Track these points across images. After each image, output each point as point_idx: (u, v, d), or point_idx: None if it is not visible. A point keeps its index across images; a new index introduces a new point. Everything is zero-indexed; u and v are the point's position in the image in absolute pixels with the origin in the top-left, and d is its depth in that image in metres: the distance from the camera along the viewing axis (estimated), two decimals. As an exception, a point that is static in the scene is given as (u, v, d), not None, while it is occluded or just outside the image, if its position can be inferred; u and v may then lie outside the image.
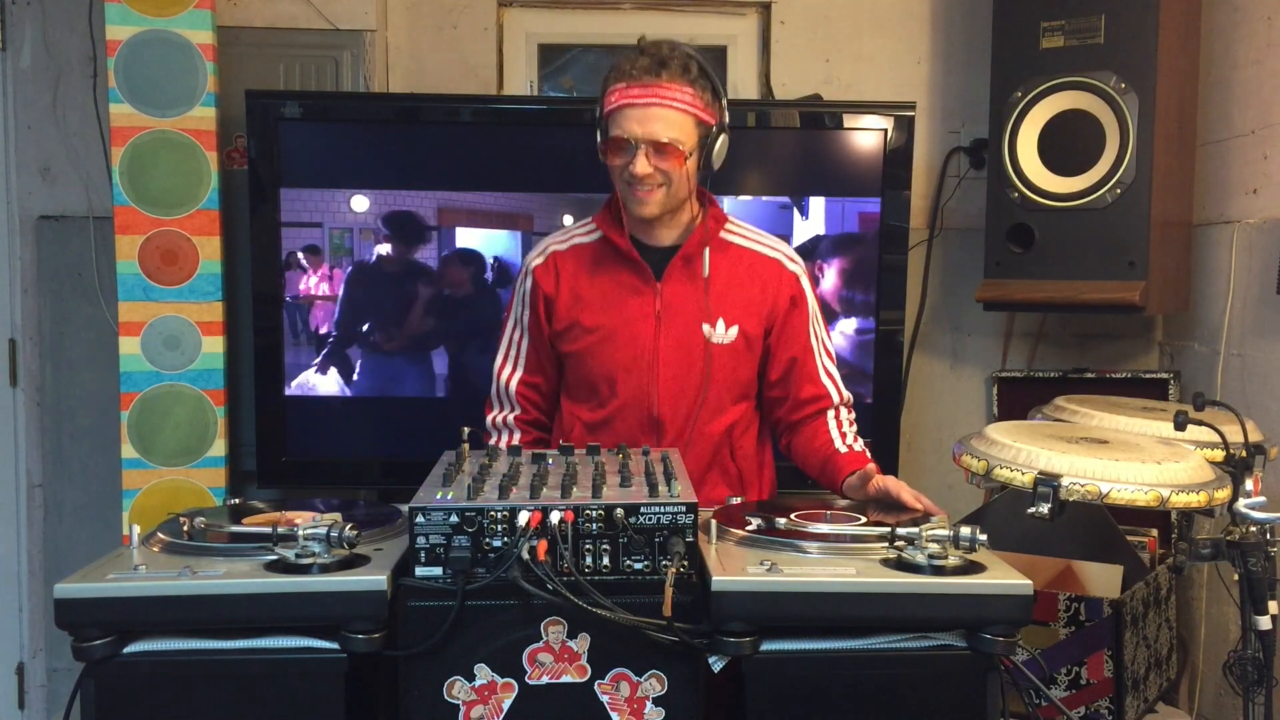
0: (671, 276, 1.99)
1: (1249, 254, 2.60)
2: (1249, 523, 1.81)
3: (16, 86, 2.90)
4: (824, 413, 2.04)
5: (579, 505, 1.43)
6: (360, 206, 2.71)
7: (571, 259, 2.04)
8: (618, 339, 1.99)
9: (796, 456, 2.06)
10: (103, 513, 2.93)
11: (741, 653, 1.39)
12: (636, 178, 1.88)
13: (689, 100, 1.88)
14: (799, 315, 2.05)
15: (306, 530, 1.42)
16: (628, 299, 1.99)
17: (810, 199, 2.77)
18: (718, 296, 2.00)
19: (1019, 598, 1.40)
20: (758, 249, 2.06)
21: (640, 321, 1.98)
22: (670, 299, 1.99)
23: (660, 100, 1.87)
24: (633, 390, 1.98)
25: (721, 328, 1.99)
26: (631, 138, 1.87)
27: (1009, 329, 3.11)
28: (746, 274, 2.02)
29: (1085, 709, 2.25)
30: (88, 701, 1.38)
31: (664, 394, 1.98)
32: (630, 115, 1.87)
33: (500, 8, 3.08)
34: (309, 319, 2.74)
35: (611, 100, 1.89)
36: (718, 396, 2.01)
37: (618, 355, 1.99)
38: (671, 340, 1.98)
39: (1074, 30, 2.62)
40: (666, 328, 1.98)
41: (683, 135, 1.88)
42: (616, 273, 2.00)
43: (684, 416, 1.99)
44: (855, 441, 2.00)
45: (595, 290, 2.01)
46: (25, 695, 3.02)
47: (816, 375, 2.04)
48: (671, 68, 1.87)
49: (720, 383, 2.00)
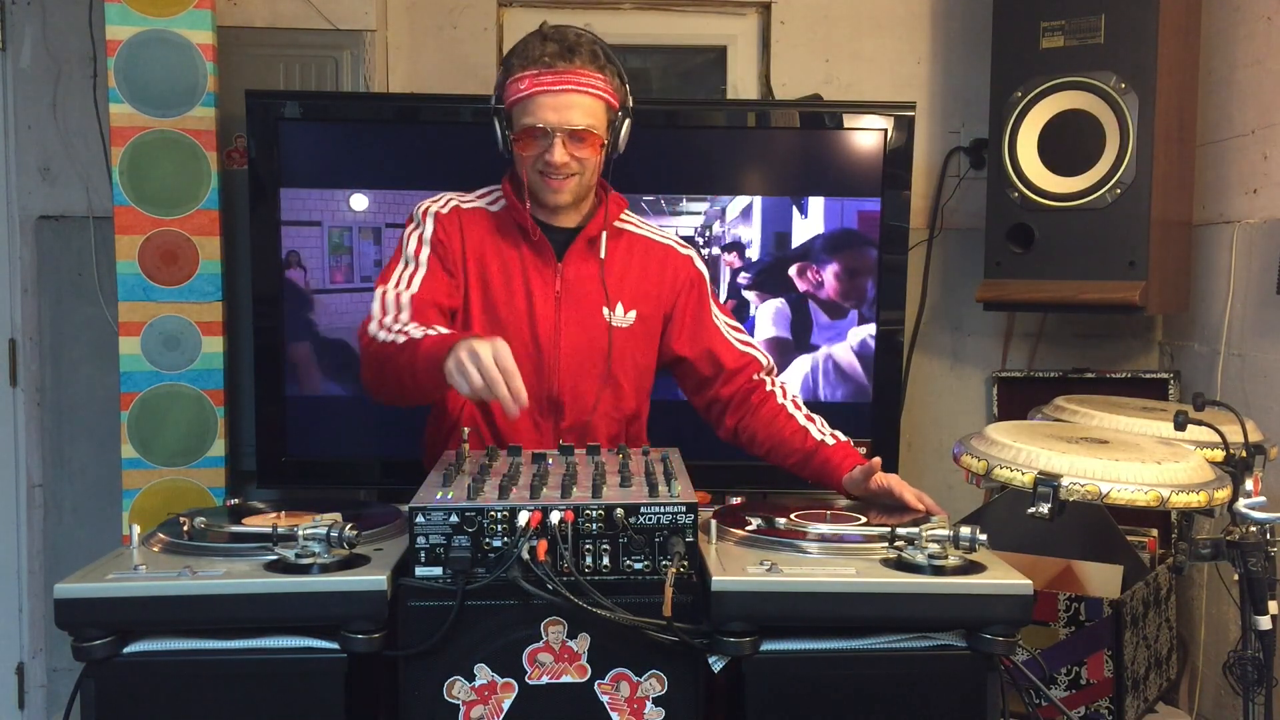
0: (573, 258, 1.98)
1: (1249, 254, 2.60)
2: (1249, 523, 1.81)
3: (16, 86, 2.90)
4: (760, 383, 2.03)
5: (579, 505, 1.43)
6: (360, 206, 2.71)
7: (475, 220, 1.99)
8: (518, 316, 1.95)
9: (755, 444, 2.02)
10: (103, 513, 2.93)
11: (741, 653, 1.39)
12: (553, 166, 1.86)
13: (601, 86, 1.87)
14: (699, 296, 2.06)
15: (306, 530, 1.42)
16: (530, 276, 1.96)
17: (810, 199, 2.77)
18: (616, 280, 1.99)
19: (1019, 598, 1.40)
20: (651, 236, 2.08)
21: (541, 301, 1.96)
22: (571, 280, 1.97)
23: (576, 86, 1.85)
24: (531, 370, 1.93)
25: (620, 311, 1.99)
26: (548, 125, 1.84)
27: (1009, 329, 3.11)
28: (641, 260, 2.03)
29: (1085, 709, 2.25)
30: (88, 701, 1.38)
31: (564, 375, 1.96)
32: (544, 103, 1.84)
33: (500, 8, 3.08)
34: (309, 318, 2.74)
35: (521, 88, 1.86)
36: (617, 382, 2.00)
37: (519, 335, 1.94)
38: (573, 321, 1.97)
39: (1074, 30, 2.62)
40: (567, 308, 1.97)
41: (597, 121, 1.88)
42: (519, 247, 1.97)
43: (584, 399, 1.98)
44: (826, 427, 1.98)
45: (497, 261, 1.97)
46: (25, 695, 3.02)
47: (734, 346, 2.05)
48: (582, 54, 1.86)
49: (620, 366, 2.00)
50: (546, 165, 1.87)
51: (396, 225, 2.71)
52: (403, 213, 2.71)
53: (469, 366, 1.57)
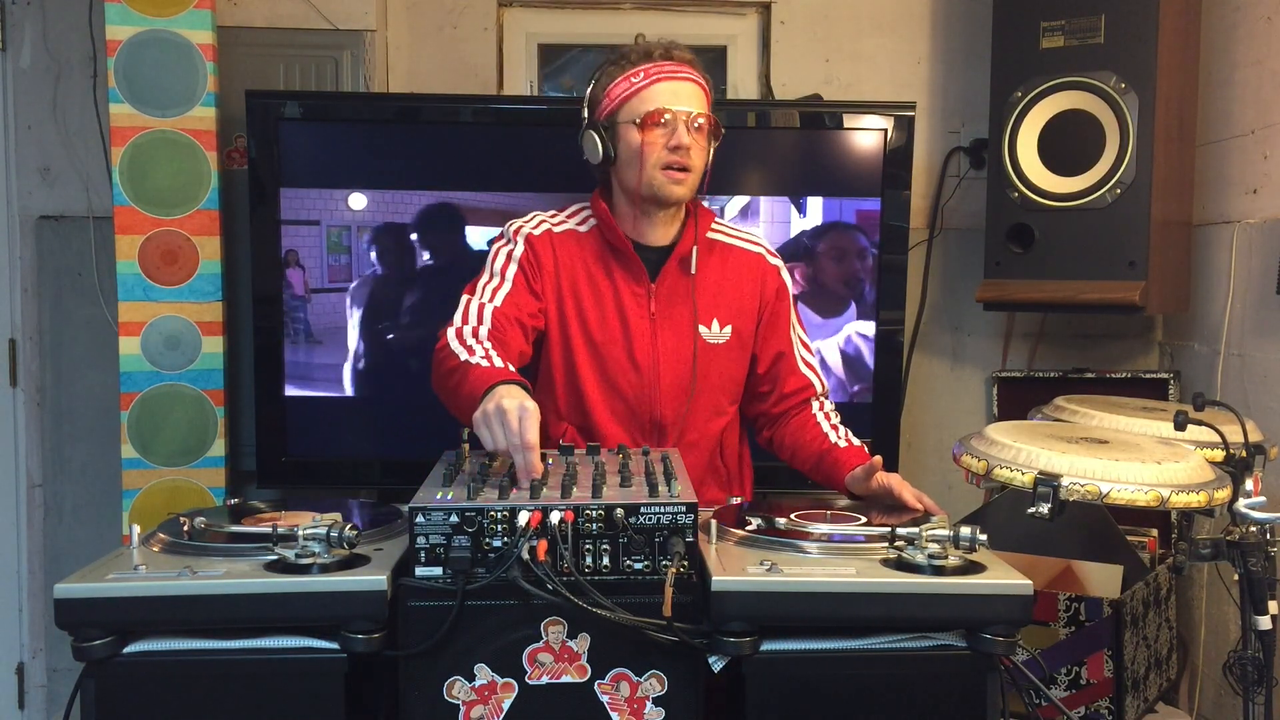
0: (666, 277, 1.97)
1: (1249, 254, 2.60)
2: (1249, 523, 1.81)
3: (16, 86, 2.90)
4: (808, 403, 2.04)
5: (579, 505, 1.43)
6: (360, 206, 2.71)
7: (566, 243, 1.98)
8: (613, 339, 1.95)
9: (783, 450, 2.04)
10: (103, 513, 2.93)
11: (741, 653, 1.39)
12: (681, 148, 1.84)
13: (708, 86, 1.91)
14: (783, 308, 2.05)
15: (306, 530, 1.42)
16: (624, 298, 1.96)
17: (810, 199, 2.77)
18: (711, 295, 1.98)
19: (1019, 598, 1.40)
20: (742, 245, 2.06)
21: (637, 323, 1.96)
22: (665, 300, 1.96)
23: (693, 78, 1.88)
24: (635, 395, 1.95)
25: (716, 327, 1.98)
26: (672, 109, 1.84)
27: (1009, 329, 3.11)
28: (735, 272, 2.02)
29: (1085, 709, 2.25)
30: (88, 701, 1.38)
31: (665, 397, 1.96)
32: (666, 90, 1.85)
33: (500, 8, 3.08)
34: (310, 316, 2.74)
35: (634, 81, 1.87)
36: (714, 397, 2.00)
37: (619, 359, 1.95)
38: (669, 342, 1.96)
39: (1074, 30, 2.62)
40: (662, 329, 1.96)
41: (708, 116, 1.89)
42: (611, 272, 1.96)
43: (682, 419, 1.97)
44: (848, 435, 1.99)
45: (589, 284, 1.95)
46: (25, 695, 3.02)
47: (798, 367, 2.05)
48: (684, 54, 1.90)
49: (715, 383, 1.99)
50: (675, 151, 1.85)
51: (396, 225, 2.72)
52: (402, 212, 2.71)
53: (495, 426, 1.54)
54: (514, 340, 1.84)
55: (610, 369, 1.95)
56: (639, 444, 1.93)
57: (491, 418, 1.54)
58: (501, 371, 1.68)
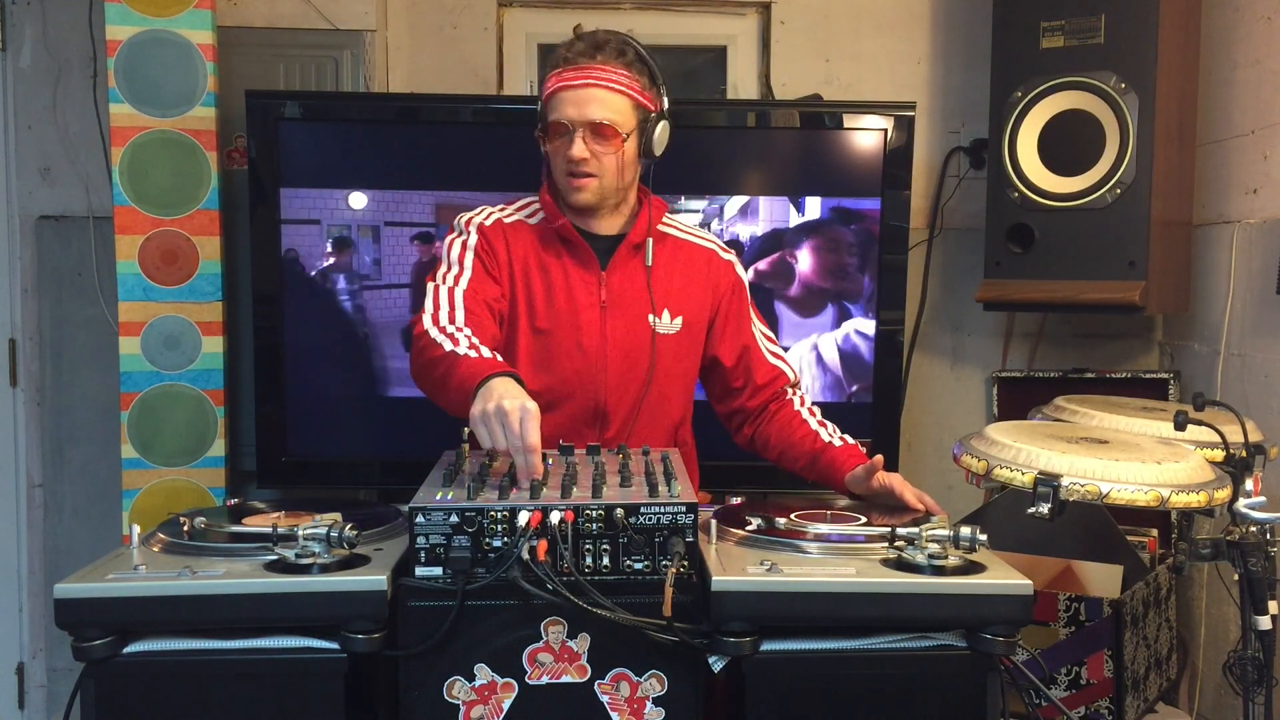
0: (617, 266, 1.96)
1: (1249, 254, 2.60)
2: (1249, 523, 1.81)
3: (16, 86, 2.90)
4: (783, 394, 2.03)
5: (579, 505, 1.43)
6: (360, 206, 2.71)
7: (517, 234, 1.98)
8: (563, 326, 1.94)
9: (768, 449, 2.03)
10: (103, 513, 2.93)
11: (741, 653, 1.39)
12: (573, 160, 1.86)
13: (624, 81, 1.87)
14: (740, 302, 2.05)
15: (306, 530, 1.42)
16: (574, 286, 1.95)
17: (810, 199, 2.77)
18: (662, 286, 1.98)
19: (1019, 598, 1.40)
20: (694, 240, 2.06)
21: (586, 311, 1.95)
22: (615, 288, 1.96)
23: (595, 81, 1.85)
24: (579, 381, 1.94)
25: (666, 318, 1.98)
26: (568, 121, 1.85)
27: (1009, 329, 3.11)
28: (686, 265, 2.02)
29: (1085, 709, 2.25)
30: (88, 701, 1.38)
31: (611, 385, 1.95)
32: (566, 98, 1.85)
33: (500, 8, 3.08)
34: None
35: (549, 86, 1.88)
36: (663, 388, 1.99)
37: (565, 345, 1.94)
38: (618, 330, 1.95)
39: (1074, 30, 2.62)
40: (612, 317, 1.95)
41: (619, 117, 1.86)
42: (561, 259, 1.96)
43: (629, 408, 1.97)
44: (837, 432, 1.98)
45: (540, 273, 1.96)
46: (25, 695, 3.02)
47: (765, 358, 2.05)
48: (607, 51, 1.87)
49: (665, 373, 1.99)
50: (567, 160, 1.87)
51: (395, 224, 2.72)
52: (403, 212, 2.71)
53: (495, 427, 1.53)
54: (488, 323, 1.83)
55: (553, 355, 1.94)
56: (579, 434, 1.91)
57: (492, 418, 1.53)
58: (491, 363, 1.66)
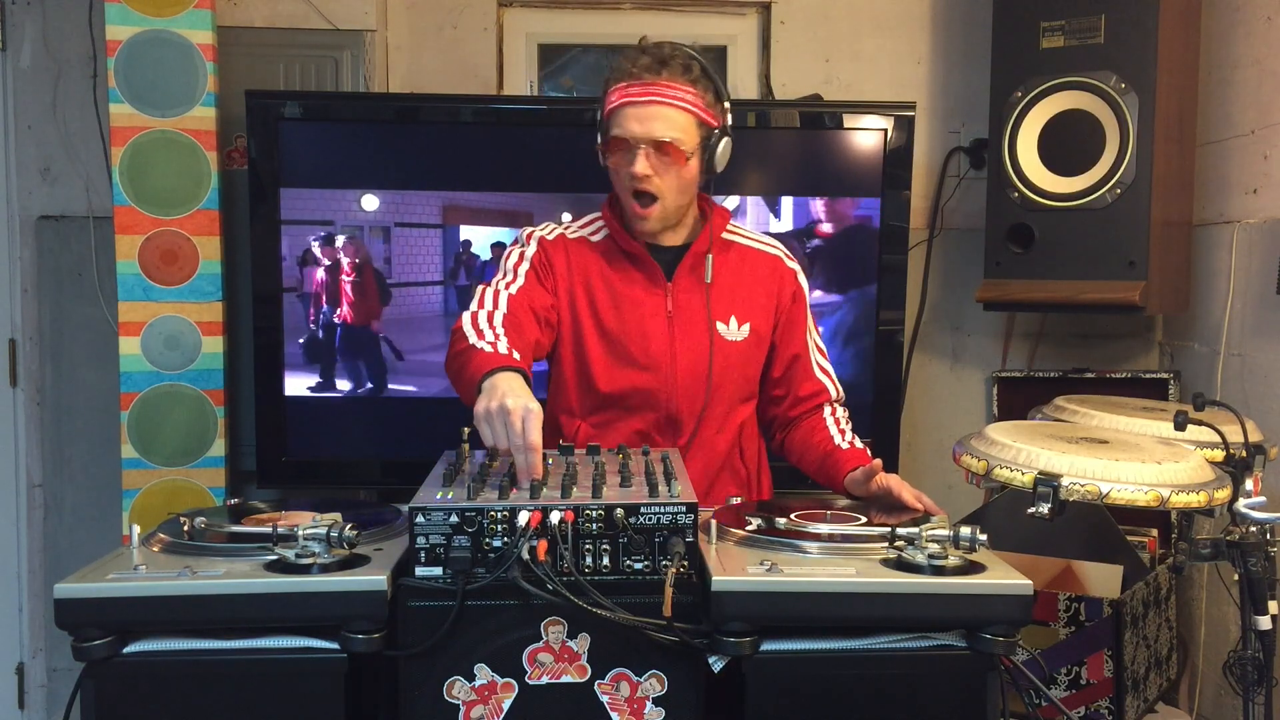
0: (682, 277, 1.97)
1: (1249, 254, 2.60)
2: (1249, 523, 1.81)
3: (16, 86, 2.90)
4: (820, 408, 2.04)
5: (579, 505, 1.43)
6: (362, 206, 2.71)
7: (581, 250, 1.99)
8: (632, 339, 1.96)
9: (792, 453, 2.05)
10: (103, 513, 2.93)
11: (741, 653, 1.39)
12: (636, 176, 1.86)
13: (690, 99, 1.86)
14: (799, 312, 2.05)
15: (306, 530, 1.42)
16: (641, 299, 1.96)
17: (810, 199, 2.77)
18: (728, 295, 1.99)
19: (1019, 598, 1.40)
20: (759, 247, 2.06)
21: (654, 322, 1.96)
22: (681, 299, 1.97)
23: (661, 98, 1.84)
24: (651, 389, 1.96)
25: (734, 325, 1.99)
26: (631, 137, 1.84)
27: (1009, 329, 3.11)
28: (752, 272, 2.02)
29: (1085, 709, 2.25)
30: (88, 701, 1.38)
31: (682, 392, 1.96)
32: (630, 114, 1.85)
33: (500, 8, 3.08)
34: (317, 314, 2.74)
35: (612, 100, 1.87)
36: (729, 395, 2.00)
37: (635, 357, 1.95)
38: (687, 340, 1.96)
39: (1074, 30, 2.62)
40: (680, 327, 1.97)
41: (684, 135, 1.86)
42: (626, 273, 1.97)
43: (698, 415, 1.98)
44: (854, 439, 1.99)
45: (605, 287, 1.97)
46: (25, 695, 3.02)
47: (813, 372, 2.05)
48: (673, 66, 1.86)
49: (732, 381, 1.99)
50: (631, 177, 1.86)
51: (402, 225, 2.72)
52: (405, 212, 2.72)
53: (497, 425, 1.54)
54: (529, 327, 1.84)
55: (626, 363, 1.96)
56: (655, 440, 1.94)
57: (494, 416, 1.53)
58: (504, 358, 1.67)
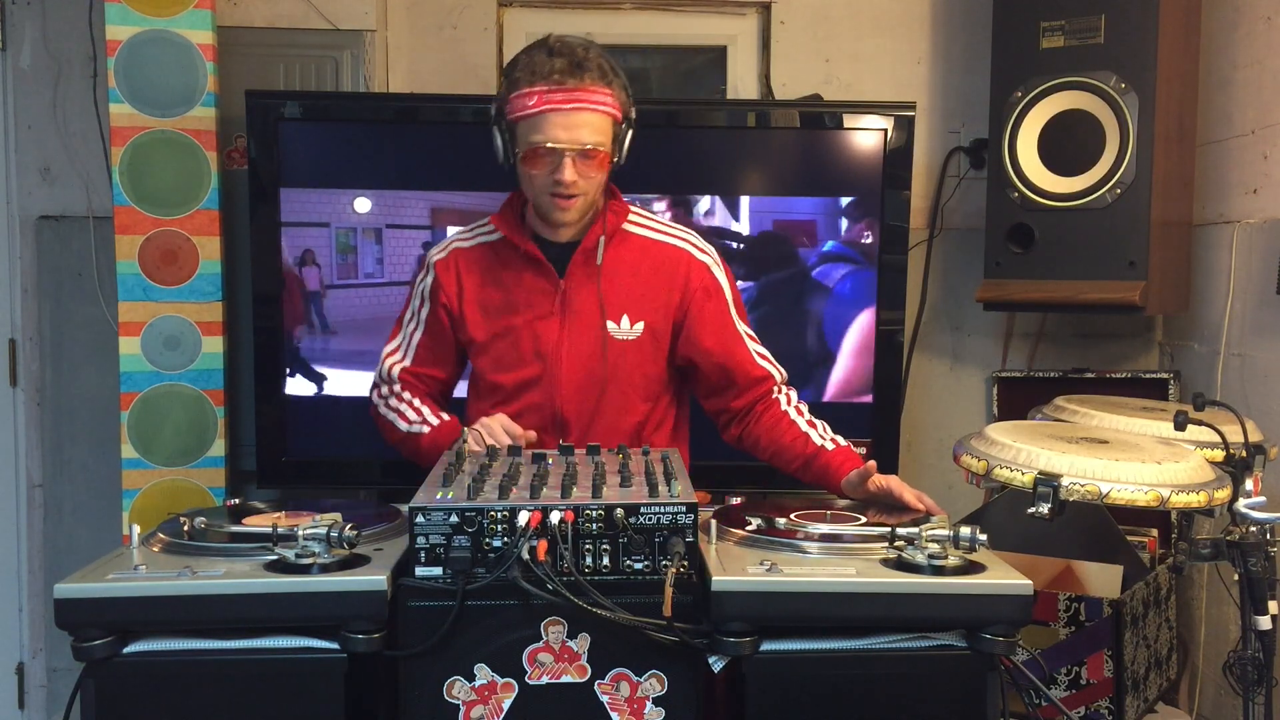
0: (574, 272, 1.96)
1: (1249, 254, 2.60)
2: (1249, 523, 1.81)
3: (16, 86, 2.90)
4: (769, 394, 2.02)
5: (579, 505, 1.43)
6: (361, 207, 2.71)
7: (474, 256, 2.01)
8: (521, 339, 1.96)
9: (759, 449, 2.02)
10: (103, 513, 2.93)
11: (741, 653, 1.39)
12: (564, 185, 1.84)
13: (610, 102, 1.85)
14: (718, 304, 2.01)
15: (306, 530, 1.42)
16: (532, 299, 1.96)
17: (810, 199, 2.77)
18: (622, 291, 1.97)
19: (1019, 598, 1.40)
20: (663, 239, 2.02)
21: (543, 320, 1.96)
22: (573, 296, 1.96)
23: (586, 104, 1.82)
24: (536, 389, 1.96)
25: (626, 323, 1.97)
26: (557, 144, 1.81)
27: (1009, 329, 3.11)
28: (651, 267, 1.99)
29: (1085, 709, 2.25)
30: (88, 701, 1.38)
31: (566, 392, 1.96)
32: (555, 121, 1.81)
33: (500, 8, 3.08)
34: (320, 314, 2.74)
35: (529, 104, 1.82)
36: (623, 393, 1.98)
37: (521, 355, 1.96)
38: (574, 338, 1.96)
39: (1074, 30, 2.62)
40: (569, 325, 1.96)
41: (604, 138, 1.85)
42: (519, 272, 1.97)
43: (588, 415, 1.97)
44: (831, 434, 1.97)
45: (499, 291, 1.98)
46: (25, 695, 3.02)
47: (752, 359, 2.02)
48: (590, 70, 1.83)
49: (625, 379, 1.98)
50: (557, 185, 1.85)
51: (397, 226, 2.72)
52: (404, 213, 2.71)
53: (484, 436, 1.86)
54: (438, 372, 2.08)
55: (514, 367, 1.97)
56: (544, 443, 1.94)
57: (484, 437, 1.86)
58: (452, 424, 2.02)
